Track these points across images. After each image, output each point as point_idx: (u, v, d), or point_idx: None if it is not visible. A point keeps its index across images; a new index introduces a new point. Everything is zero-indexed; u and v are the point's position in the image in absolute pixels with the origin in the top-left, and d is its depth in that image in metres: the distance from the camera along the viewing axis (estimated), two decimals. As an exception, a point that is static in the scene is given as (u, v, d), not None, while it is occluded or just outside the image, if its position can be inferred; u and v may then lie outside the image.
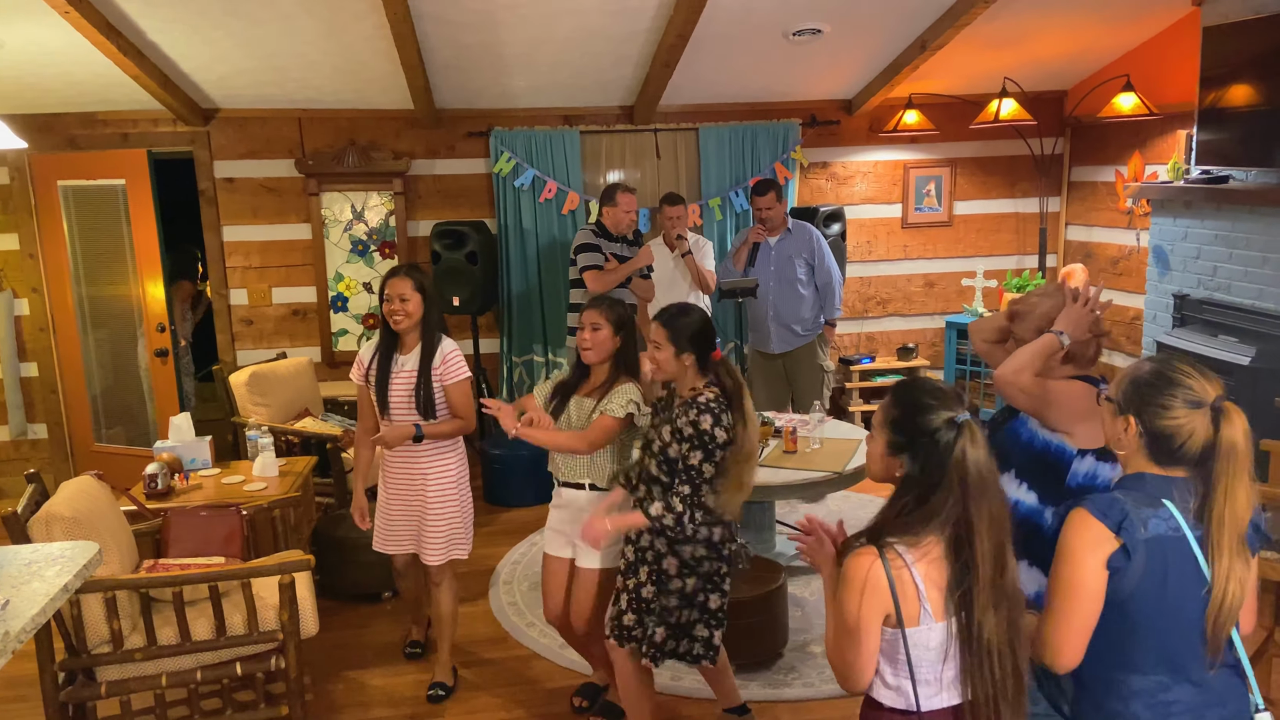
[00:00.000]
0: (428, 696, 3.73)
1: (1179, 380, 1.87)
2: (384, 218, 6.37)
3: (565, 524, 3.36)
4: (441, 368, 3.57)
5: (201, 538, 3.72)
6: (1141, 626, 1.88)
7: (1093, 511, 1.86)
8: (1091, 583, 1.85)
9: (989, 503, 1.85)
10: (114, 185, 5.91)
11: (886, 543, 1.86)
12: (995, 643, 1.84)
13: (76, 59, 5.15)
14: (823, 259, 5.58)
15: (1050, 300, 2.51)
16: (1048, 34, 5.77)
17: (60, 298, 6.18)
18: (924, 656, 1.86)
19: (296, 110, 6.17)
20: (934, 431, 1.86)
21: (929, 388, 1.94)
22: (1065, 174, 6.92)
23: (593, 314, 3.24)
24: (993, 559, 1.84)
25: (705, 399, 2.91)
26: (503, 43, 5.34)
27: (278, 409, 5.34)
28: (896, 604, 1.83)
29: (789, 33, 5.44)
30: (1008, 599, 1.86)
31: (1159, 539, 1.84)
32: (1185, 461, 1.87)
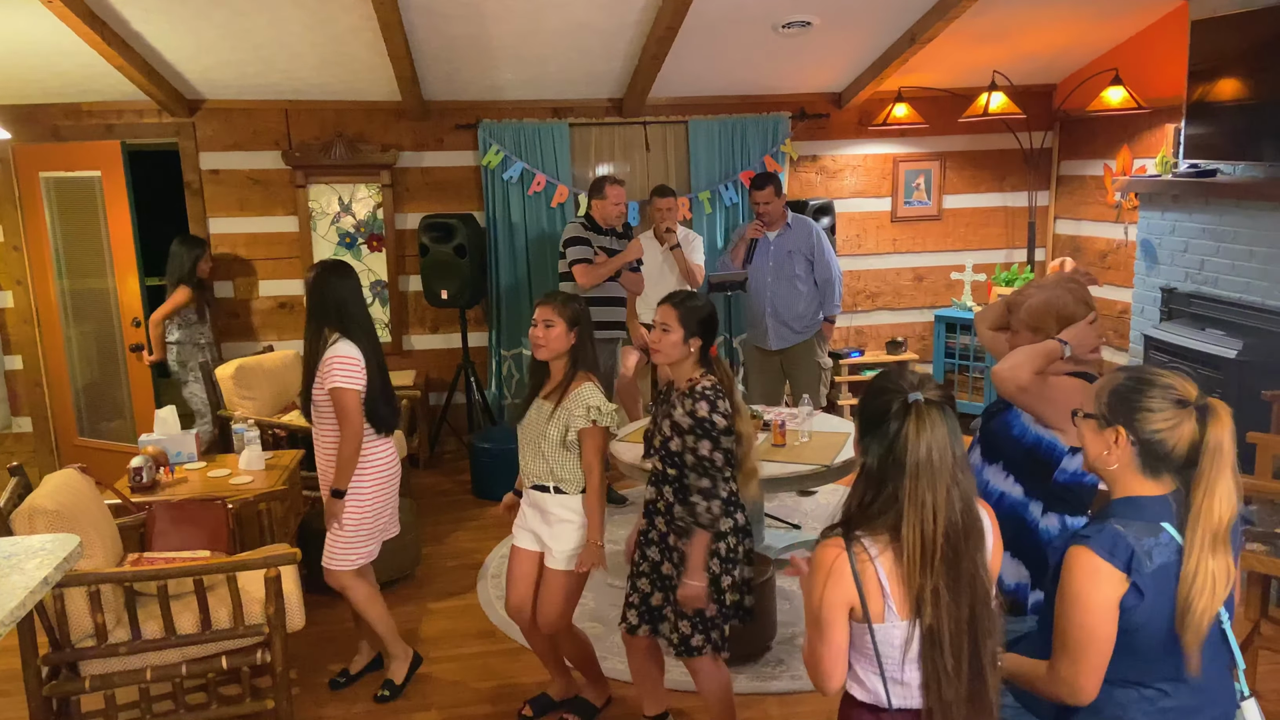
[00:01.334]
0: (375, 696, 3.69)
1: (1159, 382, 1.86)
2: (372, 210, 6.33)
3: (535, 522, 3.32)
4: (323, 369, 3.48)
5: (186, 531, 3.69)
6: (1149, 649, 1.86)
7: (1098, 551, 1.82)
8: (1103, 622, 1.82)
9: (943, 487, 1.77)
10: (91, 177, 5.86)
11: (854, 535, 1.82)
12: (952, 636, 1.77)
13: (60, 49, 5.10)
14: (823, 255, 5.57)
15: (1044, 293, 2.49)
16: (1036, 27, 5.77)
17: (44, 291, 6.13)
18: (891, 654, 1.82)
19: (283, 101, 6.13)
20: (885, 417, 1.82)
21: (892, 373, 1.89)
22: (1054, 168, 6.93)
23: (545, 309, 3.16)
24: (950, 547, 1.77)
25: (701, 387, 2.89)
26: (491, 34, 5.31)
27: (264, 402, 5.31)
28: (861, 597, 1.79)
29: (778, 25, 5.43)
30: (970, 591, 1.79)
31: (1164, 567, 1.82)
32: (1173, 467, 1.85)
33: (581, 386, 3.17)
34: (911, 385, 1.83)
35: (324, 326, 3.50)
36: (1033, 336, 2.49)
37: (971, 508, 1.82)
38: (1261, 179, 4.79)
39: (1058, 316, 2.48)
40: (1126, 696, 1.90)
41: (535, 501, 3.30)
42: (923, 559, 1.77)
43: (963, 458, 1.82)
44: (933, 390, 1.83)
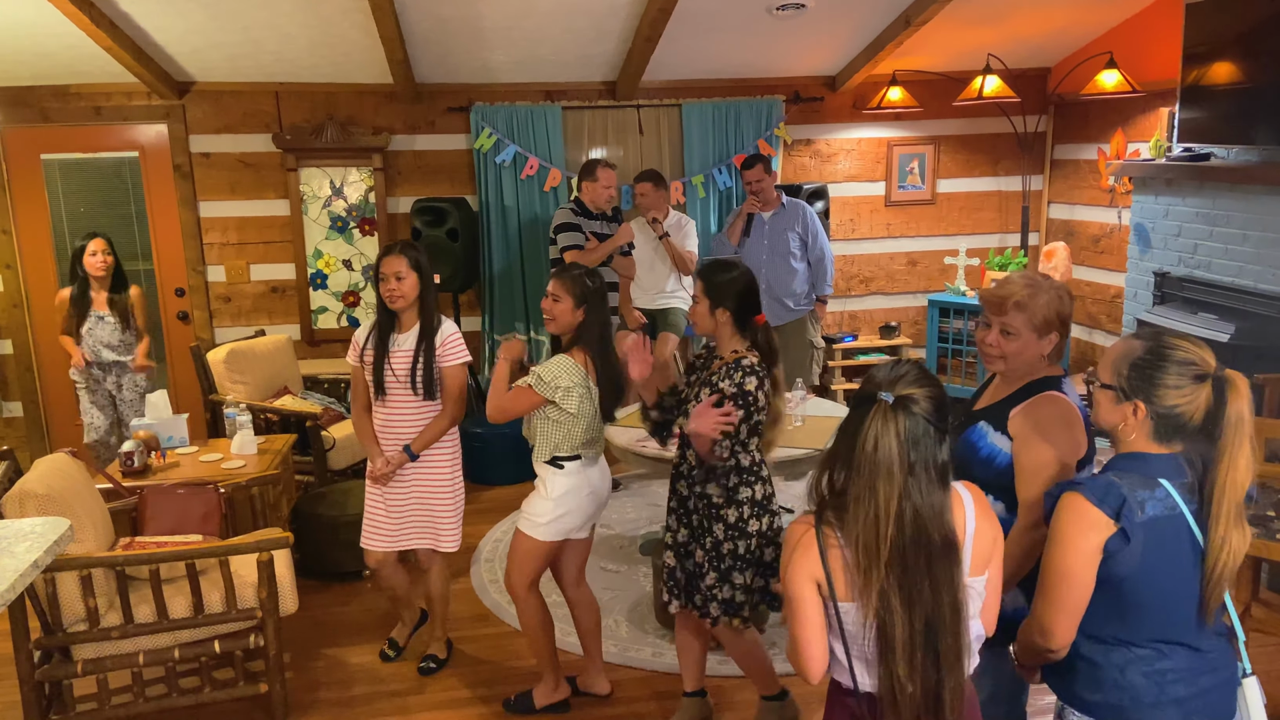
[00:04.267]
0: (419, 669, 3.73)
1: (1179, 356, 1.85)
2: (363, 194, 6.30)
3: None
4: (441, 349, 3.51)
5: (179, 516, 3.68)
6: (1138, 603, 1.88)
7: (1088, 497, 1.84)
8: (1084, 567, 1.85)
9: (886, 492, 1.72)
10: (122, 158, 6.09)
11: (825, 518, 1.82)
12: (903, 643, 1.74)
13: (49, 30, 5.05)
14: (815, 235, 5.63)
15: (1045, 293, 2.32)
16: (1031, 10, 5.75)
17: (39, 273, 6.09)
18: (856, 634, 1.81)
19: (274, 84, 6.08)
20: (859, 408, 1.80)
21: (881, 369, 1.86)
22: (1048, 152, 6.91)
23: (554, 283, 3.23)
24: (897, 556, 1.73)
25: (750, 362, 2.87)
26: (482, 15, 5.27)
27: (256, 387, 5.29)
28: (828, 574, 1.78)
29: (772, 7, 5.40)
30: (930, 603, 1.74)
31: (1156, 520, 1.84)
32: (1186, 435, 1.86)
33: (558, 356, 3.21)
34: (888, 382, 1.79)
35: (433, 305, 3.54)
36: (1037, 340, 2.33)
37: (929, 522, 1.75)
38: (1255, 163, 4.79)
39: (1061, 318, 2.36)
40: (1123, 657, 1.92)
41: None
42: (865, 561, 1.75)
43: (928, 469, 1.76)
44: (919, 396, 1.77)
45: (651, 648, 3.83)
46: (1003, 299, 2.32)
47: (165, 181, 6.14)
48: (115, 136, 6.08)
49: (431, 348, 3.49)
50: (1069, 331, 2.39)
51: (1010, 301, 2.31)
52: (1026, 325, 2.31)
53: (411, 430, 3.54)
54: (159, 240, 6.21)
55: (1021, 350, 2.32)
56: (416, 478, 3.58)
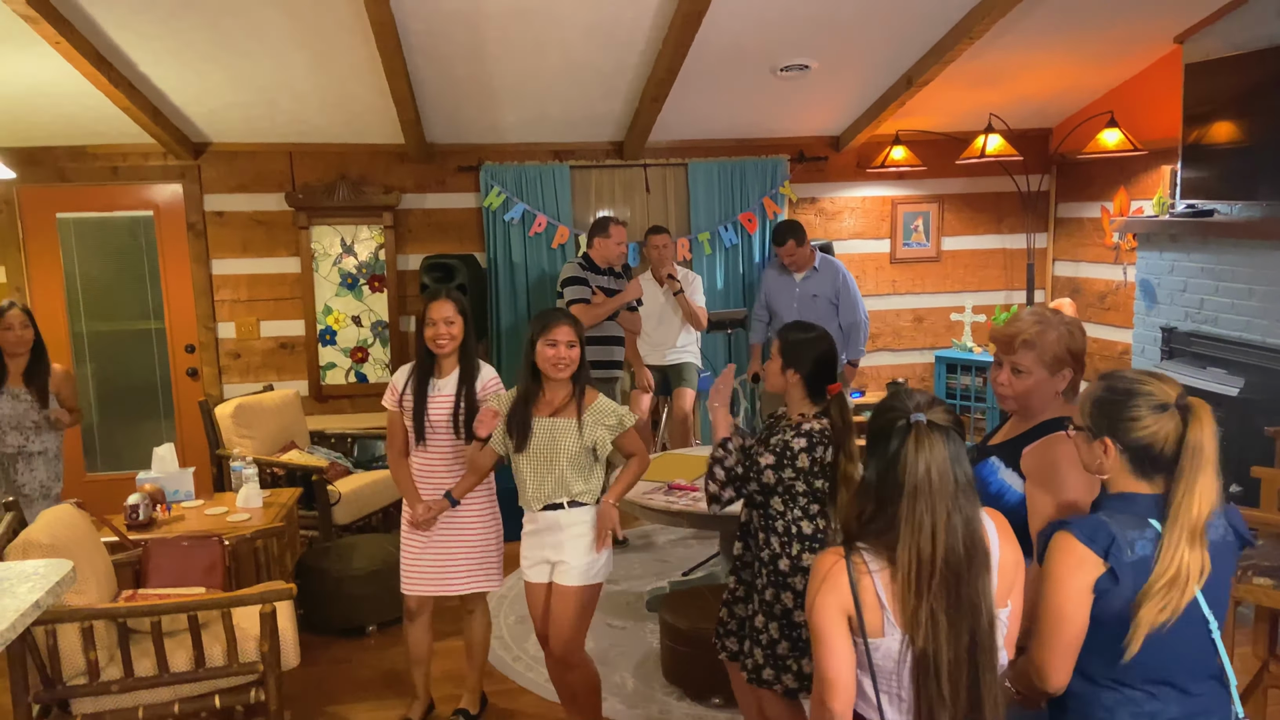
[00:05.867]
0: None
1: (1137, 389, 1.89)
2: (374, 251, 6.36)
3: (543, 548, 3.28)
4: (482, 393, 3.52)
5: (182, 568, 3.66)
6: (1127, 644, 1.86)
7: (1078, 536, 1.86)
8: (1076, 606, 1.85)
9: (943, 510, 1.76)
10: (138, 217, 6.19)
11: (855, 547, 1.83)
12: (950, 664, 1.75)
13: (67, 91, 5.16)
14: (849, 297, 5.66)
15: (1055, 329, 2.31)
16: (1031, 71, 5.85)
17: (52, 332, 6.13)
18: (888, 668, 1.81)
19: (287, 144, 6.19)
20: (888, 435, 1.83)
21: (900, 392, 1.90)
22: (1051, 210, 6.97)
23: (567, 330, 3.17)
24: (951, 571, 1.76)
25: (808, 427, 2.78)
26: (492, 75, 5.38)
27: (263, 441, 5.29)
28: (858, 607, 1.78)
29: (777, 68, 5.50)
30: (972, 619, 1.77)
31: (1145, 559, 1.84)
32: (1164, 467, 1.87)
33: (598, 398, 3.23)
34: (916, 405, 1.83)
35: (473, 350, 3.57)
36: (1049, 377, 2.31)
37: (975, 533, 1.81)
38: (1259, 218, 4.82)
39: (1074, 353, 2.34)
40: (1112, 698, 1.90)
41: (547, 524, 3.25)
42: (918, 581, 1.76)
43: (967, 483, 1.81)
44: (939, 413, 1.83)
45: (659, 705, 3.76)
46: (1011, 337, 2.31)
47: (179, 240, 6.21)
48: (131, 196, 6.18)
49: (472, 392, 3.50)
50: (1083, 368, 2.37)
51: (1019, 339, 2.30)
52: (1037, 363, 2.29)
53: (451, 475, 3.53)
54: (170, 297, 6.26)
55: (1034, 388, 2.30)
56: (457, 519, 3.56)
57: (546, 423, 3.21)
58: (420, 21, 4.64)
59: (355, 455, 5.77)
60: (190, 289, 6.25)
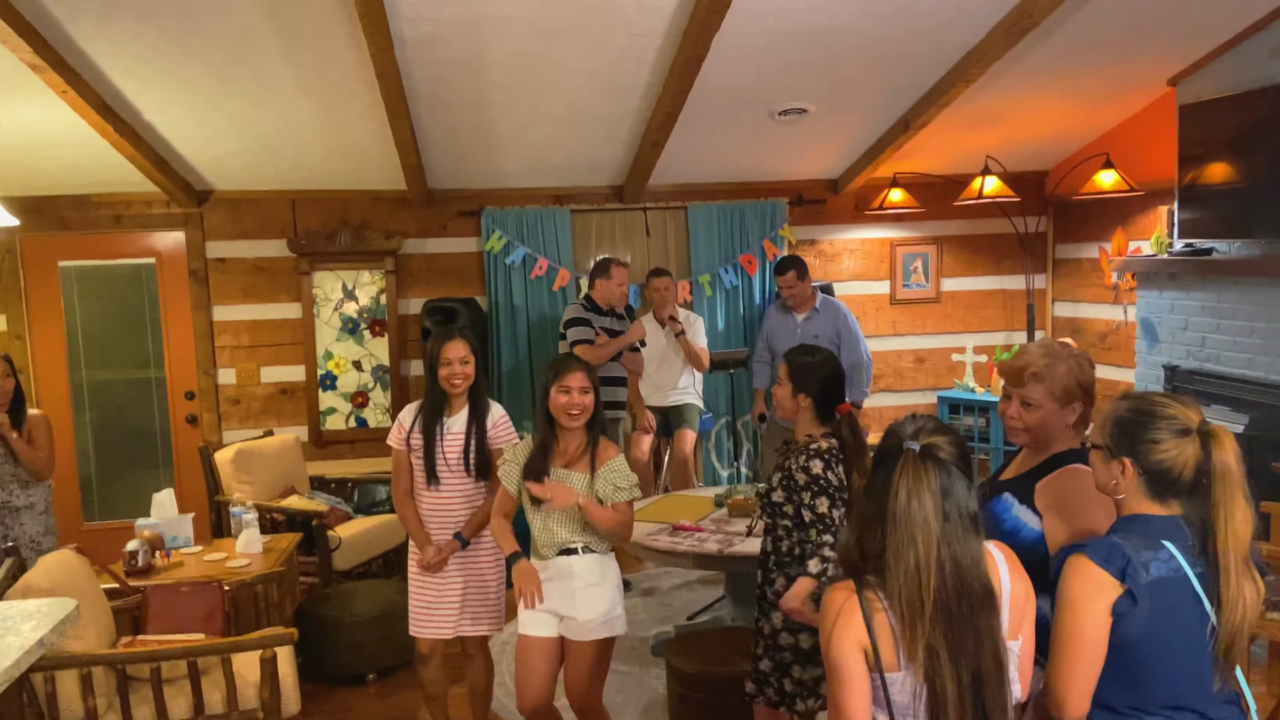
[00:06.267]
0: None
1: (1161, 412, 1.88)
2: (375, 296, 6.38)
3: (551, 598, 3.15)
4: (492, 432, 3.51)
5: (182, 614, 3.61)
6: (1148, 668, 1.85)
7: (1094, 558, 1.84)
8: (1095, 630, 1.82)
9: (925, 544, 1.71)
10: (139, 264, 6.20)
11: (866, 581, 1.79)
12: (955, 700, 1.71)
13: (72, 141, 5.20)
14: (850, 337, 5.64)
15: (1064, 362, 2.30)
16: (1027, 114, 5.91)
17: (51, 380, 6.14)
18: (905, 704, 1.77)
19: (290, 191, 6.23)
20: (882, 462, 1.81)
21: (907, 420, 1.86)
22: (1049, 251, 7.01)
23: (580, 377, 3.14)
24: (942, 609, 1.71)
25: (817, 446, 2.84)
26: (494, 121, 5.43)
27: (263, 486, 5.25)
28: (873, 641, 1.74)
29: (775, 112, 5.56)
30: (974, 657, 1.72)
31: (1161, 581, 1.83)
32: (1180, 492, 1.87)
33: (616, 457, 3.18)
34: (911, 434, 1.80)
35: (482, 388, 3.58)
36: (1059, 410, 2.30)
37: (968, 571, 1.75)
38: (1258, 256, 4.85)
39: (1084, 386, 2.33)
40: None
41: (559, 571, 3.15)
42: (910, 615, 1.72)
43: (959, 517, 1.75)
44: (941, 442, 1.79)
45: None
46: (1020, 370, 2.30)
47: (180, 286, 6.23)
48: (133, 244, 6.20)
49: (483, 430, 3.50)
50: (1093, 400, 2.36)
51: (1027, 373, 2.29)
52: (1046, 396, 2.28)
53: (463, 513, 3.50)
54: (171, 344, 6.26)
55: (1043, 422, 2.29)
56: (465, 560, 3.52)
57: (561, 474, 3.17)
58: (424, 69, 4.70)
59: (355, 500, 5.73)
60: (191, 335, 6.25)
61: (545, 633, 3.19)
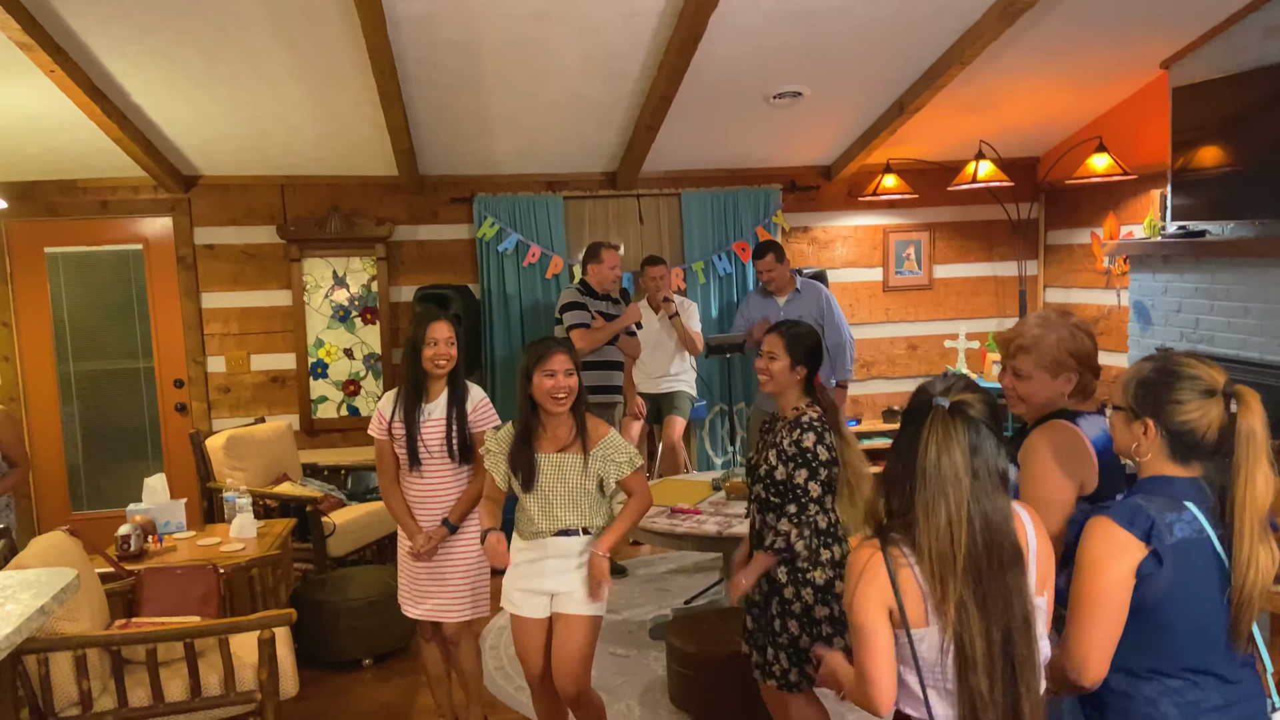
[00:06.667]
0: None
1: (1185, 372, 1.87)
2: (365, 283, 6.32)
3: (551, 577, 3.11)
4: (473, 415, 3.47)
5: (176, 597, 3.56)
6: (1170, 630, 1.84)
7: (1117, 520, 1.82)
8: (1116, 593, 1.81)
9: (956, 500, 1.71)
10: (126, 250, 6.11)
11: (891, 538, 1.78)
12: (984, 658, 1.70)
13: (59, 123, 5.13)
14: (833, 319, 5.61)
15: (1056, 331, 2.34)
16: (1020, 99, 5.91)
17: (38, 367, 6.06)
18: (933, 660, 1.76)
19: (279, 177, 6.17)
20: (911, 418, 1.80)
21: (938, 378, 1.86)
22: (1041, 238, 7.02)
23: (564, 358, 3.08)
24: (973, 564, 1.71)
25: (809, 418, 2.90)
26: (488, 106, 5.38)
27: (255, 474, 5.19)
28: (898, 598, 1.73)
29: (770, 96, 5.54)
30: (1004, 615, 1.72)
31: (1185, 542, 1.81)
32: (1203, 454, 1.85)
33: (608, 434, 3.13)
34: (940, 391, 1.80)
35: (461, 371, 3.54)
36: (1050, 380, 2.33)
37: (998, 529, 1.75)
38: (1251, 237, 4.86)
39: (1077, 356, 2.35)
40: (1154, 689, 1.85)
41: (559, 550, 3.10)
42: (941, 572, 1.72)
43: (988, 474, 1.75)
44: (970, 399, 1.79)
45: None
46: (1008, 341, 2.37)
47: (168, 273, 6.16)
48: (120, 230, 6.13)
49: (463, 414, 3.45)
50: (1094, 368, 2.36)
51: (1014, 344, 2.35)
52: (1036, 366, 2.33)
53: (449, 498, 3.46)
54: (159, 331, 6.19)
55: (1036, 392, 2.34)
56: (450, 546, 3.48)
57: (554, 459, 3.10)
58: (418, 51, 4.65)
59: (349, 487, 5.68)
60: (179, 323, 6.19)
61: (538, 614, 3.16)
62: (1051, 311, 2.42)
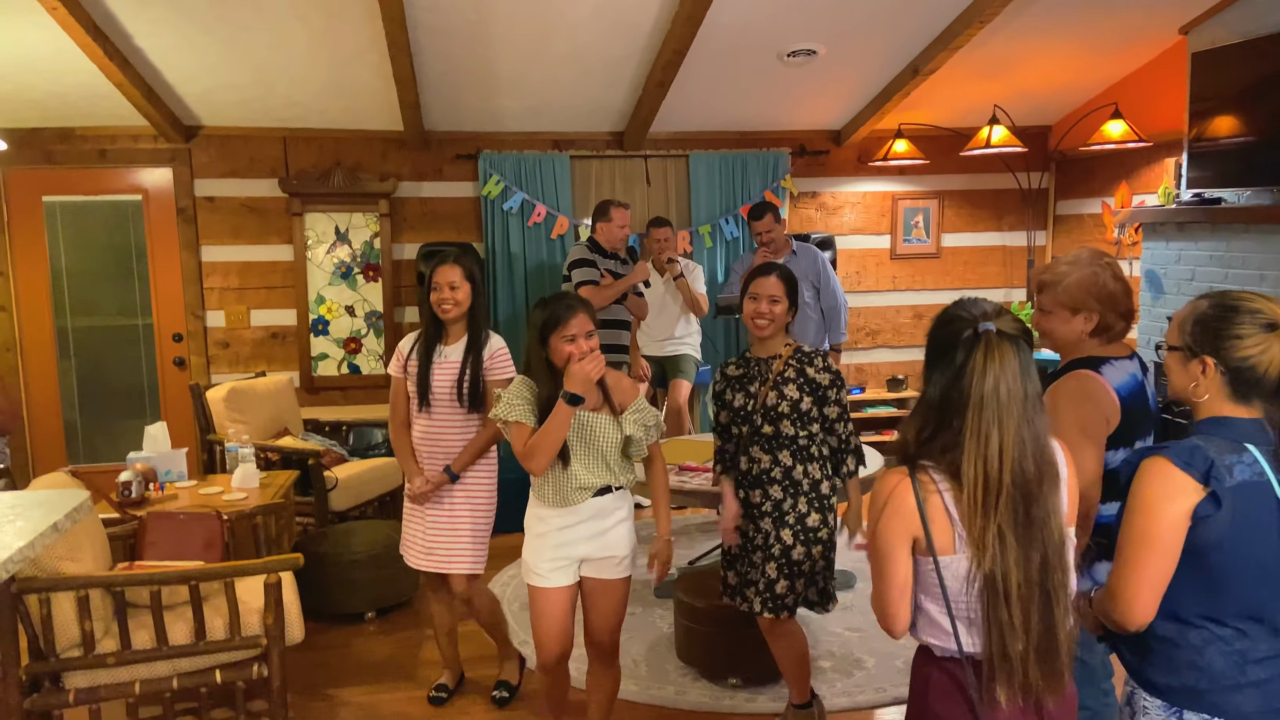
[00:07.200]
0: (494, 699, 3.60)
1: (1244, 306, 1.81)
2: (368, 240, 6.24)
3: (577, 545, 2.90)
4: (489, 363, 3.39)
5: (179, 542, 3.50)
6: (1225, 576, 1.78)
7: (1175, 461, 1.76)
8: (1170, 535, 1.75)
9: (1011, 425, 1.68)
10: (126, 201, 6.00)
11: (920, 465, 1.74)
12: (1019, 587, 1.68)
13: (60, 67, 5.03)
14: (828, 282, 5.55)
15: (1080, 270, 2.36)
16: (1036, 63, 5.83)
17: (34, 317, 5.97)
18: (956, 589, 1.72)
19: (282, 129, 6.07)
20: (953, 346, 1.75)
21: (964, 301, 1.81)
22: (1050, 208, 6.96)
23: (585, 320, 2.83)
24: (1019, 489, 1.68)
25: (822, 351, 3.14)
26: (496, 59, 5.29)
27: (256, 427, 5.13)
28: (926, 528, 1.70)
29: (783, 54, 5.45)
30: (1042, 540, 1.70)
31: (1244, 485, 1.75)
32: (1264, 393, 1.79)
33: (638, 395, 2.98)
34: (983, 314, 1.75)
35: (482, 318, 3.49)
36: (1070, 318, 2.35)
37: (1044, 450, 1.74)
38: (1268, 204, 4.80)
39: (1098, 296, 2.35)
40: (1202, 636, 1.81)
41: (595, 511, 2.91)
42: (984, 499, 1.69)
43: (1035, 396, 1.74)
44: (1007, 321, 1.75)
45: (674, 685, 3.64)
46: (1035, 277, 2.41)
47: (168, 225, 6.07)
48: (119, 180, 6.03)
49: (479, 360, 3.38)
50: (1121, 309, 2.37)
51: (1038, 280, 2.40)
52: (1055, 303, 2.36)
53: (454, 444, 3.39)
54: (158, 285, 6.11)
55: (1055, 328, 2.38)
56: (454, 497, 3.42)
57: (587, 418, 2.88)
58: (427, -4, 4.56)
59: (351, 443, 5.62)
60: (179, 276, 6.10)
61: (567, 581, 2.95)
62: (1086, 251, 2.41)
